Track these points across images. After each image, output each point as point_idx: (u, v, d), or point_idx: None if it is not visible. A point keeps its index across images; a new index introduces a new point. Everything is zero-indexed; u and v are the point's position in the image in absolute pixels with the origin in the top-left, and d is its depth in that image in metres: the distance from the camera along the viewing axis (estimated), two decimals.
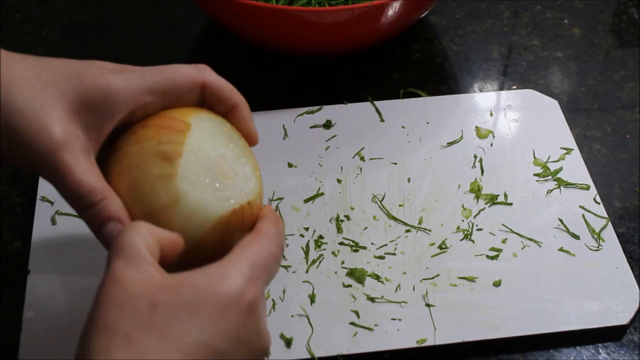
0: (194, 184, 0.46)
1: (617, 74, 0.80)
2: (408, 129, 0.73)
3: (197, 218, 0.46)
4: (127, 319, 0.38)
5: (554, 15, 0.87)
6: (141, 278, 0.40)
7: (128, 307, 0.39)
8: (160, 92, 0.48)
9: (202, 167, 0.46)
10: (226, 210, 0.46)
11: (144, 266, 0.40)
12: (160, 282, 0.40)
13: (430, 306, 0.60)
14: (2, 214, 0.67)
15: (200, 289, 0.40)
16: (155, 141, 0.46)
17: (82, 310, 0.58)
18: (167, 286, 0.40)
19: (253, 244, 0.44)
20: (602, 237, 0.64)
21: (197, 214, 0.45)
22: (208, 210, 0.46)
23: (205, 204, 0.46)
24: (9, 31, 0.83)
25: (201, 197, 0.46)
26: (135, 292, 0.39)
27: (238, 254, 0.43)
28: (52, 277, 0.61)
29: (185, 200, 0.45)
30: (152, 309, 0.39)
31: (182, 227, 0.45)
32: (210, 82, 0.50)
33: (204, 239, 0.46)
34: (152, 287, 0.40)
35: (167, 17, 0.86)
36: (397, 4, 0.69)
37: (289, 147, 0.71)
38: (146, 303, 0.39)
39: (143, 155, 0.46)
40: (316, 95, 0.77)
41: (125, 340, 0.38)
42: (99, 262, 0.62)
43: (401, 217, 0.66)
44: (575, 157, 0.70)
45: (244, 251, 0.44)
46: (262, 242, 0.45)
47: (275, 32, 0.72)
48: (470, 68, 0.81)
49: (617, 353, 0.59)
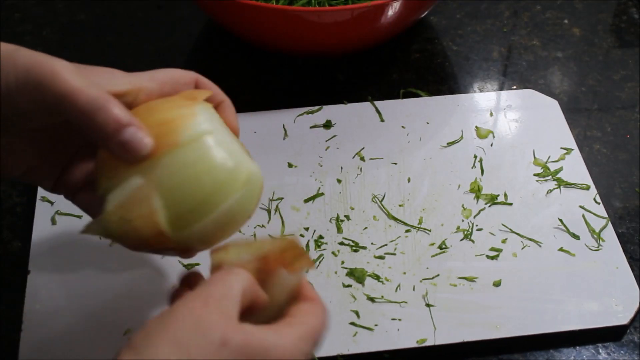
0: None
1: (617, 74, 0.80)
2: (408, 129, 0.73)
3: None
4: (197, 343, 0.39)
5: (554, 15, 0.87)
6: (225, 313, 0.41)
7: (205, 332, 0.40)
8: (160, 80, 0.49)
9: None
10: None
11: (232, 305, 0.42)
12: (237, 325, 0.41)
13: (430, 306, 0.60)
14: (2, 214, 0.67)
15: (265, 349, 0.41)
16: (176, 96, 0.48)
17: (82, 310, 0.59)
18: (241, 331, 0.41)
19: (314, 315, 0.45)
20: (602, 237, 0.64)
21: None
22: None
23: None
24: (9, 31, 0.83)
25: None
26: (217, 323, 0.40)
27: (302, 322, 0.44)
28: (52, 277, 0.61)
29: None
30: (222, 345, 0.40)
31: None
32: (201, 79, 0.52)
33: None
34: (229, 324, 0.41)
35: (167, 17, 0.86)
36: (397, 4, 0.69)
37: (289, 147, 0.71)
38: (219, 337, 0.40)
39: (166, 99, 0.47)
40: (316, 95, 0.77)
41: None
42: (99, 262, 0.62)
43: (401, 217, 0.66)
44: (575, 157, 0.70)
45: (307, 321, 0.45)
46: (320, 315, 0.46)
47: (275, 32, 0.72)
48: (470, 68, 0.81)
49: (617, 353, 0.59)
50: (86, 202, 0.52)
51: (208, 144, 0.45)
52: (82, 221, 0.64)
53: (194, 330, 0.40)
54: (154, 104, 0.47)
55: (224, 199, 0.45)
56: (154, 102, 0.47)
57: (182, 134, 0.44)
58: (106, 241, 0.63)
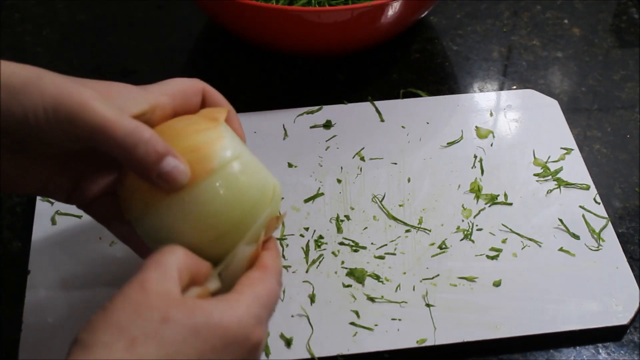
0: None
1: (617, 74, 0.80)
2: (408, 129, 0.73)
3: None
4: (138, 324, 0.40)
5: (554, 15, 0.87)
6: (163, 292, 0.42)
7: (143, 313, 0.41)
8: (171, 93, 0.50)
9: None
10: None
11: (170, 283, 0.43)
12: (178, 300, 0.42)
13: (430, 306, 0.60)
14: (2, 214, 0.67)
15: (211, 318, 0.42)
16: (196, 116, 0.50)
17: (81, 310, 0.59)
18: (183, 305, 0.42)
19: (263, 282, 0.46)
20: (602, 237, 0.64)
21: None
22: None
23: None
24: (9, 31, 0.83)
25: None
26: (154, 303, 0.41)
27: (250, 291, 0.45)
28: (52, 277, 0.61)
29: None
30: (162, 322, 0.41)
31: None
32: (207, 87, 0.52)
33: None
34: (169, 302, 0.42)
35: (167, 17, 0.86)
36: (397, 4, 0.69)
37: (289, 147, 0.71)
38: (160, 314, 0.41)
39: (187, 119, 0.49)
40: (316, 95, 0.77)
41: (130, 343, 0.40)
42: (99, 262, 0.62)
43: (401, 217, 0.66)
44: (575, 157, 0.70)
45: (255, 289, 0.45)
46: (270, 281, 0.46)
47: (275, 32, 0.72)
48: (470, 68, 0.81)
49: (617, 353, 0.59)
50: (101, 212, 0.53)
51: (237, 169, 0.47)
52: (82, 221, 0.64)
53: (133, 314, 0.40)
54: (177, 127, 0.48)
55: (257, 217, 0.48)
56: (176, 124, 0.49)
57: (213, 161, 0.46)
58: (106, 241, 0.63)
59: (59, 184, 0.51)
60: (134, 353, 0.39)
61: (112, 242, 0.63)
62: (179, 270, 0.44)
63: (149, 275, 0.43)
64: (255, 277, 0.46)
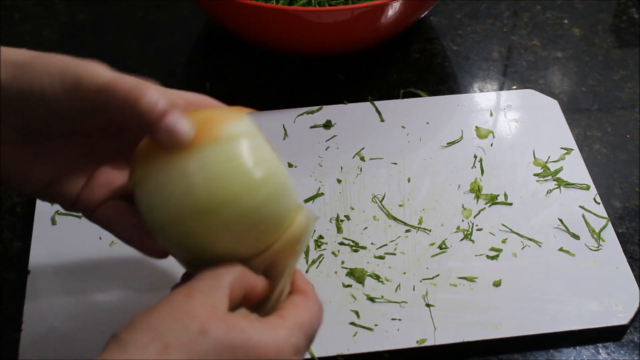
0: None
1: (617, 74, 0.80)
2: (408, 129, 0.73)
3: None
4: (175, 330, 0.40)
5: (554, 15, 0.87)
6: (209, 304, 0.41)
7: (182, 321, 0.40)
8: (188, 100, 0.49)
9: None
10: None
11: (218, 297, 0.42)
12: (220, 315, 0.41)
13: (430, 306, 0.60)
14: (2, 214, 0.67)
15: (250, 339, 0.41)
16: (219, 108, 0.48)
17: (81, 310, 0.59)
18: (224, 322, 0.41)
19: (306, 308, 0.45)
20: (602, 237, 0.64)
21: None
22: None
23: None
24: (9, 31, 0.83)
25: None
26: (196, 313, 0.41)
27: (293, 317, 0.44)
28: (52, 277, 0.61)
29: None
30: (200, 333, 0.40)
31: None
32: (220, 104, 0.51)
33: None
34: (211, 314, 0.41)
35: (167, 17, 0.86)
36: (397, 4, 0.69)
37: (289, 147, 0.71)
38: (199, 325, 0.40)
39: (211, 108, 0.48)
40: (316, 95, 0.77)
41: (163, 348, 0.39)
42: (99, 262, 0.62)
43: (401, 217, 0.66)
44: (575, 157, 0.70)
45: (298, 315, 0.44)
46: (313, 307, 0.45)
47: (275, 32, 0.72)
48: (470, 68, 0.81)
49: (617, 353, 0.59)
50: (104, 219, 0.52)
51: (246, 145, 0.44)
52: (82, 221, 0.64)
53: (172, 319, 0.40)
54: (199, 110, 0.47)
55: (248, 200, 0.44)
56: (199, 110, 0.48)
57: (223, 130, 0.44)
58: (106, 241, 0.63)
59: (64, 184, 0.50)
60: (166, 359, 0.39)
61: (112, 242, 0.63)
62: (232, 287, 0.43)
63: (199, 284, 0.42)
64: (297, 302, 0.45)
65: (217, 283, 0.42)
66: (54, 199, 0.51)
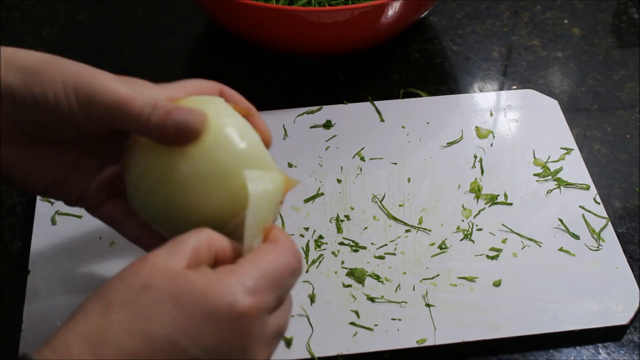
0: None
1: (617, 74, 0.80)
2: (408, 129, 0.73)
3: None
4: (117, 290, 0.39)
5: (554, 15, 0.87)
6: (160, 264, 0.40)
7: (126, 280, 0.39)
8: (188, 90, 0.50)
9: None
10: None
11: (175, 259, 0.40)
12: (164, 270, 0.40)
13: (430, 306, 0.60)
14: (2, 214, 0.67)
15: (194, 287, 0.39)
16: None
17: None
18: (166, 273, 0.39)
19: (268, 253, 0.42)
20: (602, 237, 0.64)
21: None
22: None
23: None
24: (9, 31, 0.83)
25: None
26: (141, 272, 0.39)
27: (248, 261, 0.41)
28: (52, 277, 0.61)
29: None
30: (142, 289, 0.39)
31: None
32: (225, 88, 0.52)
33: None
34: (156, 270, 0.39)
35: (167, 17, 0.86)
36: (397, 4, 0.69)
37: (289, 147, 0.71)
38: (141, 282, 0.39)
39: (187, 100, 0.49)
40: (316, 95, 0.77)
41: (105, 308, 0.38)
42: (99, 262, 0.62)
43: (401, 217, 0.66)
44: (575, 157, 0.70)
45: (255, 259, 0.42)
46: (278, 253, 0.42)
47: (275, 32, 0.72)
48: (470, 68, 0.81)
49: (617, 353, 0.59)
50: (109, 215, 0.52)
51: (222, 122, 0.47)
52: (82, 221, 0.64)
53: (117, 281, 0.39)
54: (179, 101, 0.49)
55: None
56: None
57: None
58: (106, 241, 0.63)
59: (67, 183, 0.50)
60: (106, 320, 0.38)
61: (112, 242, 0.63)
62: (196, 250, 0.41)
63: (158, 251, 0.41)
64: (260, 249, 0.43)
65: (177, 247, 0.41)
66: (57, 198, 0.52)
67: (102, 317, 0.38)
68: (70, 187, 0.51)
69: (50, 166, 0.49)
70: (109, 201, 0.52)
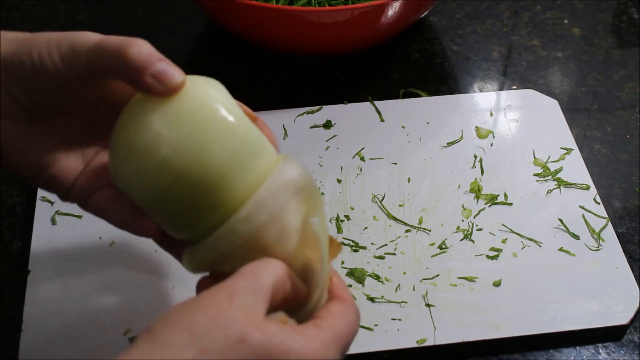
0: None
1: (617, 74, 0.80)
2: (408, 129, 0.73)
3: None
4: (214, 335, 0.39)
5: (554, 15, 0.87)
6: (250, 309, 0.40)
7: (224, 326, 0.39)
8: None
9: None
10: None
11: (258, 299, 0.41)
12: (259, 323, 0.40)
13: (430, 306, 0.60)
14: (2, 214, 0.67)
15: (286, 352, 0.40)
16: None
17: (81, 310, 0.59)
18: (262, 331, 0.40)
19: (343, 318, 0.44)
20: (602, 237, 0.64)
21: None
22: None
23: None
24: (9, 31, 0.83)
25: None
26: (238, 318, 0.40)
27: (329, 325, 0.43)
28: (52, 277, 0.61)
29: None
30: (239, 342, 0.39)
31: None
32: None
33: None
34: (252, 323, 0.40)
35: (167, 17, 0.86)
36: (397, 4, 0.69)
37: (289, 147, 0.71)
38: (239, 333, 0.39)
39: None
40: (316, 95, 0.77)
41: (200, 353, 0.38)
42: (99, 262, 0.62)
43: (401, 217, 0.66)
44: (575, 157, 0.70)
45: (336, 326, 0.43)
46: (350, 317, 0.44)
47: (275, 32, 0.72)
48: (470, 68, 0.81)
49: (617, 353, 0.59)
50: (97, 205, 0.52)
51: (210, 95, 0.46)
52: (82, 221, 0.64)
53: (212, 324, 0.39)
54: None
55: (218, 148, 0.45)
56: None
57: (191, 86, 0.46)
58: (106, 241, 0.63)
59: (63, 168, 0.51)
60: None
61: (112, 242, 0.63)
62: (274, 287, 0.42)
63: (241, 284, 0.41)
64: (335, 312, 0.44)
65: (258, 285, 0.41)
66: (50, 186, 0.51)
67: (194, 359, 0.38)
68: (63, 173, 0.51)
69: (44, 146, 0.49)
70: (97, 192, 0.52)
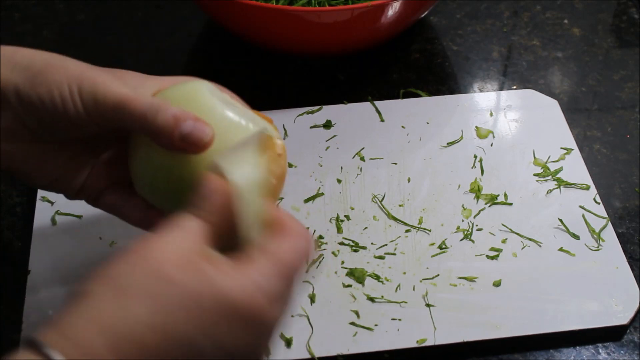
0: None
1: (617, 74, 0.80)
2: (408, 129, 0.73)
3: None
4: (128, 275, 0.38)
5: (554, 15, 0.87)
6: (171, 250, 0.39)
7: (137, 265, 0.39)
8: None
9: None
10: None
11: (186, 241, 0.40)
12: (182, 259, 0.39)
13: (430, 306, 0.60)
14: (2, 214, 0.67)
15: (215, 286, 0.38)
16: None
17: None
18: (184, 264, 0.38)
19: (281, 246, 0.41)
20: (602, 237, 0.64)
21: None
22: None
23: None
24: (9, 31, 0.83)
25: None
26: (151, 257, 0.39)
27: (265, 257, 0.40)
28: (52, 277, 0.61)
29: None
30: (159, 279, 0.38)
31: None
32: (223, 89, 0.53)
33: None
34: (171, 259, 0.39)
35: (167, 17, 0.86)
36: (397, 4, 0.69)
37: (289, 147, 0.70)
38: (154, 269, 0.38)
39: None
40: (316, 95, 0.77)
41: (117, 294, 0.38)
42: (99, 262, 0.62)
43: (401, 217, 0.66)
44: (575, 157, 0.70)
45: (270, 253, 0.41)
46: (291, 245, 0.41)
47: (275, 32, 0.72)
48: (470, 68, 0.81)
49: (617, 353, 0.59)
50: (110, 203, 0.53)
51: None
52: (82, 221, 0.64)
53: (124, 263, 0.39)
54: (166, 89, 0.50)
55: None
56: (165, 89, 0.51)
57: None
58: (106, 241, 0.63)
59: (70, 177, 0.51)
60: (124, 308, 0.37)
61: (112, 242, 0.63)
62: (203, 222, 0.41)
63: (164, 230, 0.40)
64: (273, 244, 0.41)
65: (181, 222, 0.40)
66: (60, 191, 0.52)
67: (116, 305, 0.37)
68: (72, 180, 0.52)
69: (52, 162, 0.50)
70: (107, 189, 0.52)
